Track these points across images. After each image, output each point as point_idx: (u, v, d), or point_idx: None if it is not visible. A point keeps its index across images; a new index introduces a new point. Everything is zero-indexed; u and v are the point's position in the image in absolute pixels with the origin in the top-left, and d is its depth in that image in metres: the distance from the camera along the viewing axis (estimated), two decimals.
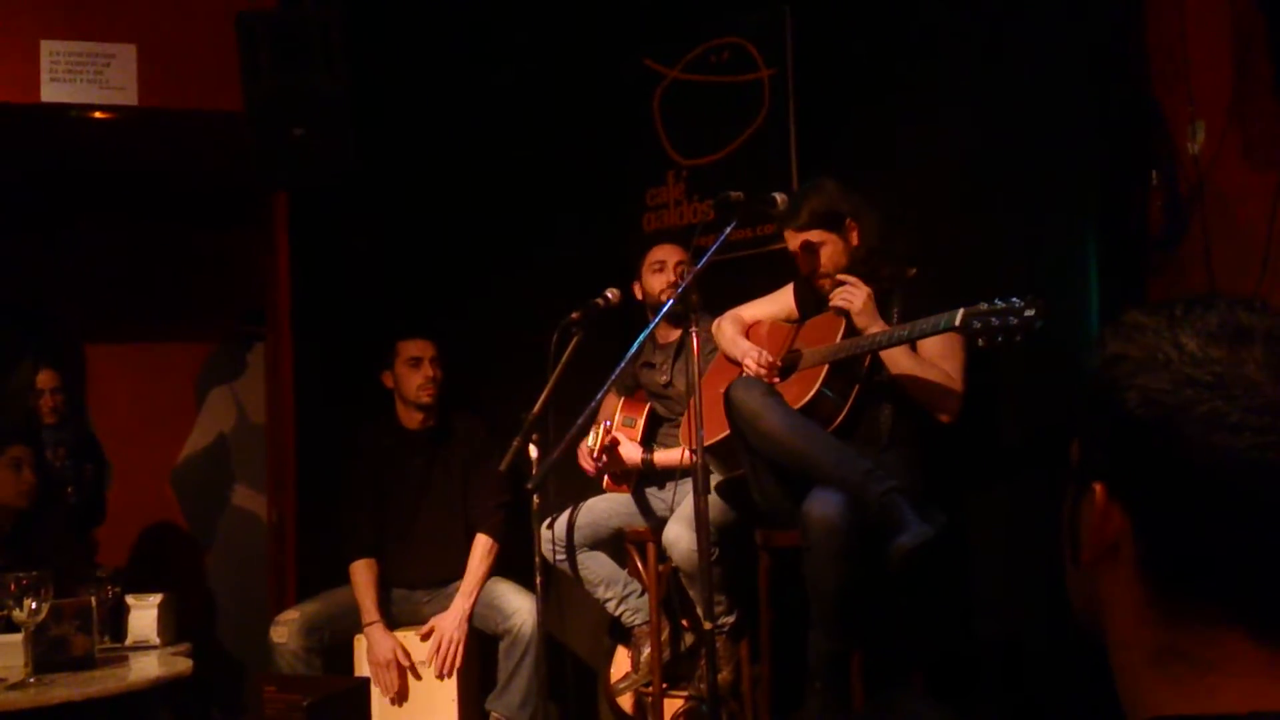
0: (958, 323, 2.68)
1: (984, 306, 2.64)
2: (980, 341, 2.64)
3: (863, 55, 3.71)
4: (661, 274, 3.76)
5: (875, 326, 2.94)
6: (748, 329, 3.41)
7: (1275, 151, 2.83)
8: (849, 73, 3.76)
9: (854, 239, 3.13)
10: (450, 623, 3.74)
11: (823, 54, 3.87)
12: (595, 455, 3.71)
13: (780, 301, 3.41)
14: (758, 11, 4.05)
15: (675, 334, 3.75)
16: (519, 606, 3.72)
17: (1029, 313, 2.58)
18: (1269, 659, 0.78)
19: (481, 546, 3.86)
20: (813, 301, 3.28)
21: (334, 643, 3.81)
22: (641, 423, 3.80)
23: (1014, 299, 2.60)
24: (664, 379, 3.77)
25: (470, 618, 3.78)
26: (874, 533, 2.75)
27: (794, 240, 3.16)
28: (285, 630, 3.71)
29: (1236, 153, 2.91)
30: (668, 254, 3.79)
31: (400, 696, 3.73)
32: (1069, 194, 3.21)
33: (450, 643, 3.72)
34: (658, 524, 3.54)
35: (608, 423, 3.79)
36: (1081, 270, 3.16)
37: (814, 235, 3.13)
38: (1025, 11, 3.30)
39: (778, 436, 2.90)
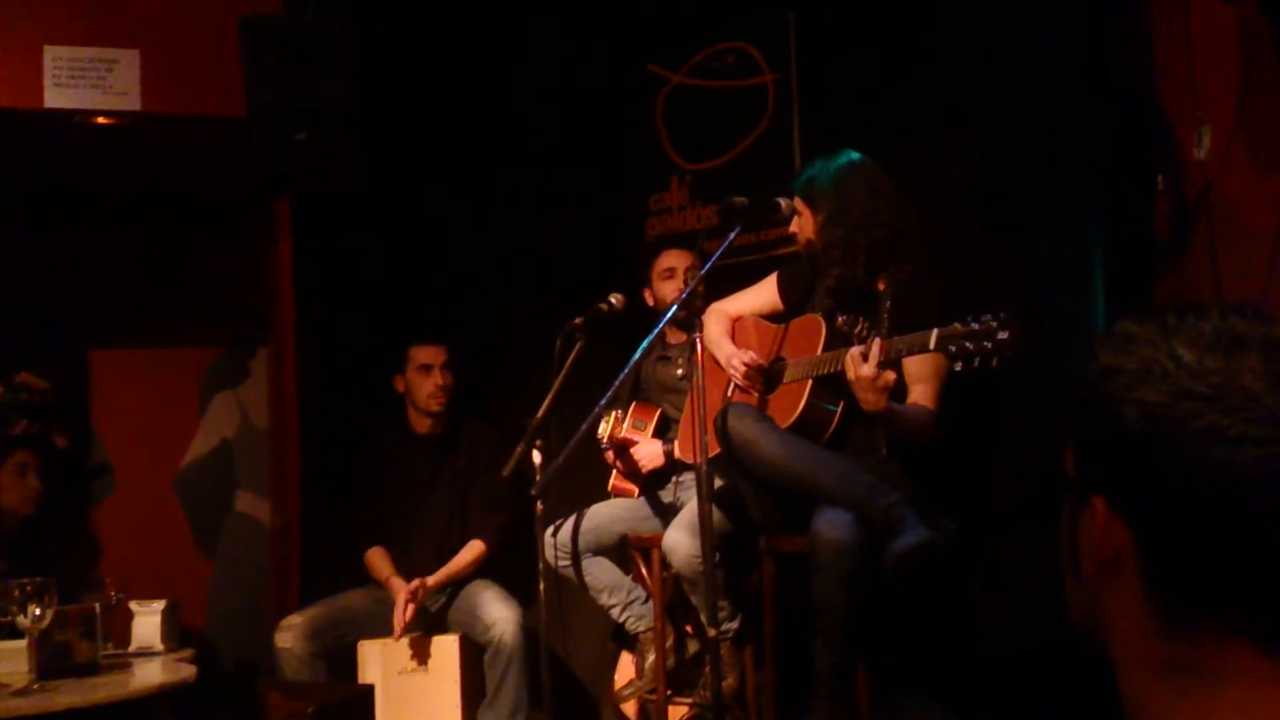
0: (932, 345, 2.58)
1: (958, 327, 2.52)
2: (957, 366, 2.52)
3: (866, 60, 3.70)
4: (672, 280, 3.77)
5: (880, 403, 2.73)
6: (732, 325, 3.36)
7: None
8: (853, 77, 3.75)
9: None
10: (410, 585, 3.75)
11: (827, 59, 3.86)
12: (605, 446, 3.75)
13: (764, 293, 3.35)
14: (762, 16, 4.04)
15: (684, 337, 3.75)
16: (499, 616, 3.71)
17: (1002, 335, 2.44)
18: (1276, 670, 0.78)
19: (472, 548, 3.90)
20: (796, 291, 3.24)
21: (337, 648, 3.82)
22: (652, 426, 3.80)
23: (988, 316, 2.48)
24: (680, 371, 3.77)
25: (448, 609, 3.88)
26: (879, 545, 2.72)
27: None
28: (290, 635, 3.72)
29: (1242, 157, 2.89)
30: (676, 260, 3.80)
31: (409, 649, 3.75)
32: (1074, 199, 3.19)
33: (405, 602, 3.71)
34: (658, 528, 3.52)
35: (619, 411, 3.80)
36: (1087, 276, 3.14)
37: (796, 202, 3.13)
38: (1029, 16, 3.29)
39: (775, 462, 2.86)
